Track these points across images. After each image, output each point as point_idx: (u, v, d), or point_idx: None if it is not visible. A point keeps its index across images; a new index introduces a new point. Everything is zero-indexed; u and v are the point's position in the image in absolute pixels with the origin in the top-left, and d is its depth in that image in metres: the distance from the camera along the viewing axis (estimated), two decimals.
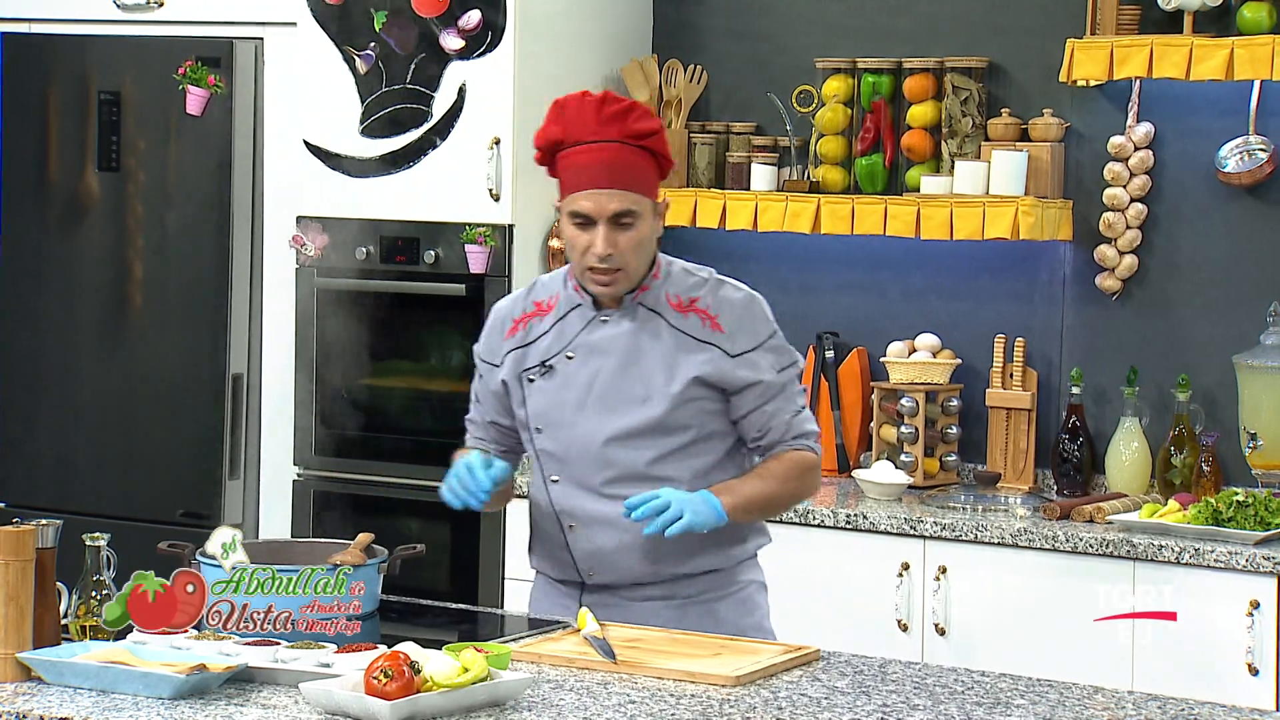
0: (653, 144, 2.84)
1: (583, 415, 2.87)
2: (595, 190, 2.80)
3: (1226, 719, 2.40)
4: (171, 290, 4.80)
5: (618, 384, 2.86)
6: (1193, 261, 4.25)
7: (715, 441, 2.89)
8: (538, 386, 2.92)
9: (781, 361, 2.91)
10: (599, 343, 2.88)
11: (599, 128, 2.81)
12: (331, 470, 4.64)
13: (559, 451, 2.91)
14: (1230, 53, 3.99)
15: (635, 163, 2.82)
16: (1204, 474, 4.10)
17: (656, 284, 2.89)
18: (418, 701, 2.28)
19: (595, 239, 2.80)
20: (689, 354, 2.86)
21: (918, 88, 4.40)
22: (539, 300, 2.96)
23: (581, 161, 2.82)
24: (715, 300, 2.89)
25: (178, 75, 4.67)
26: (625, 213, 2.81)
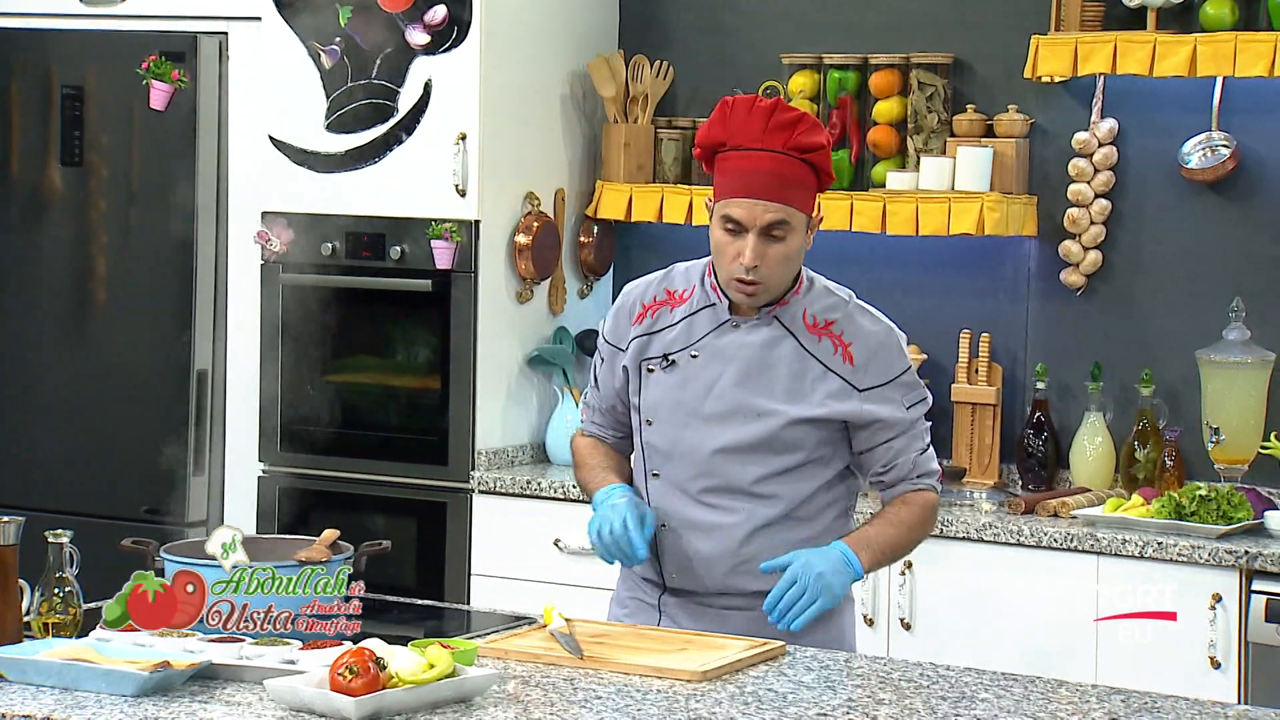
0: (816, 159, 2.77)
1: (695, 418, 2.81)
2: (751, 199, 2.73)
3: (1189, 712, 2.41)
4: (135, 286, 4.77)
5: (736, 394, 2.80)
6: (1156, 257, 4.27)
7: (825, 468, 2.83)
8: (656, 378, 2.85)
9: (910, 399, 2.83)
10: (725, 348, 2.82)
11: (764, 135, 2.74)
12: (297, 467, 4.63)
13: (665, 448, 2.84)
14: (1193, 49, 4.01)
15: (795, 175, 2.75)
16: (1167, 468, 4.12)
17: (795, 299, 2.82)
18: (383, 698, 2.27)
19: (744, 248, 2.74)
20: (815, 381, 2.79)
21: (883, 84, 4.41)
22: (672, 289, 2.88)
23: (741, 167, 2.75)
24: (851, 328, 2.82)
25: (141, 70, 4.65)
26: (777, 224, 2.74)
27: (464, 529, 4.45)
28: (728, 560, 2.81)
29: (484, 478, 4.43)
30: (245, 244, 4.67)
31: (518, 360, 4.59)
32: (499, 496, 4.40)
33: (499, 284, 4.52)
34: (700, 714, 2.36)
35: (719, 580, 2.83)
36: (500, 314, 4.53)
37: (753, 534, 2.81)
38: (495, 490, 4.41)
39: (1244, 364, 4.06)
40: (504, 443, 4.54)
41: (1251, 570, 3.68)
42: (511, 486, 4.38)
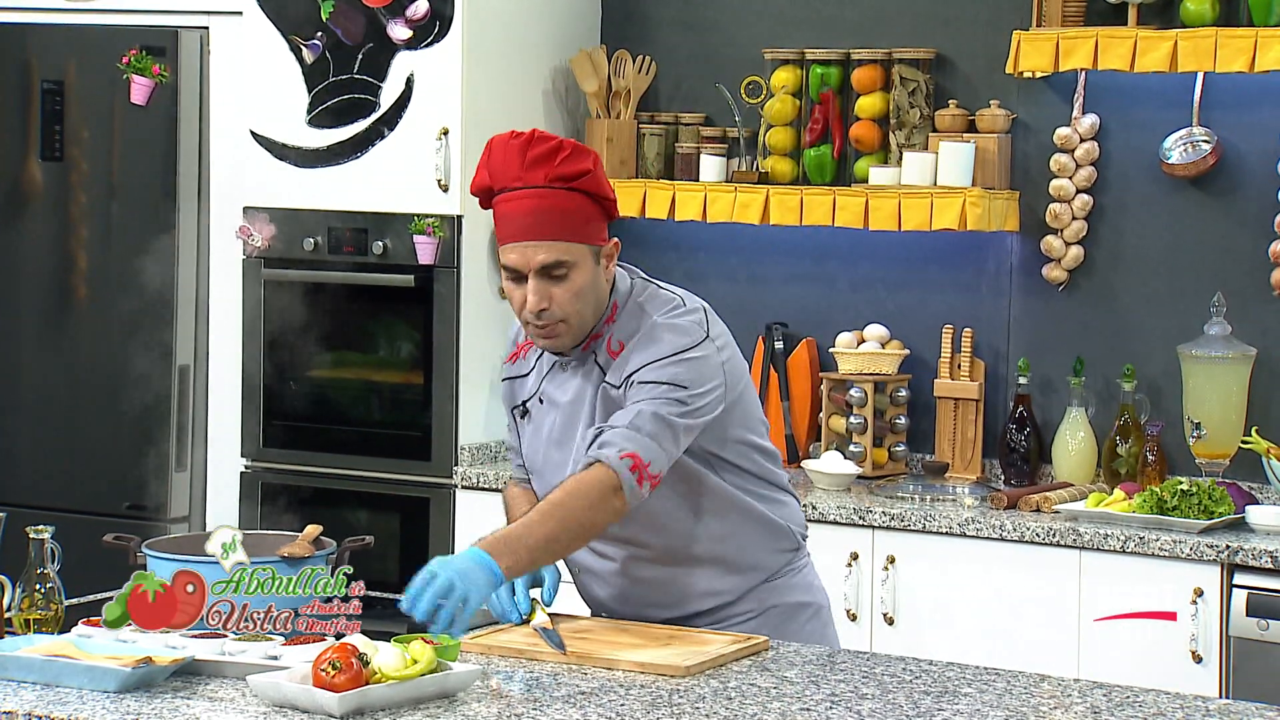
0: (585, 185, 2.61)
1: (549, 465, 2.76)
2: (521, 243, 2.60)
3: (1171, 706, 2.42)
4: (116, 281, 4.76)
5: (565, 440, 2.73)
6: (1137, 252, 4.28)
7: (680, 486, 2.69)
8: (523, 426, 2.81)
9: (651, 375, 2.60)
10: (555, 392, 2.75)
11: (523, 172, 2.60)
12: (279, 462, 4.62)
13: (543, 495, 2.75)
14: (1174, 45, 4.02)
15: (566, 208, 2.60)
16: (1149, 463, 4.13)
17: (609, 328, 2.69)
18: (367, 694, 2.27)
19: (525, 293, 2.61)
20: (611, 404, 2.66)
21: (866, 79, 4.42)
22: None
23: (507, 211, 2.62)
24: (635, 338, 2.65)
25: (122, 64, 4.63)
26: (555, 264, 2.60)
27: (447, 524, 4.44)
28: (630, 598, 2.78)
29: (467, 473, 4.43)
30: (227, 239, 4.66)
31: (501, 355, 4.57)
32: (482, 492, 4.40)
33: (482, 279, 4.52)
34: (684, 709, 2.36)
35: (634, 614, 2.79)
36: (483, 309, 4.52)
37: (629, 569, 2.75)
38: (478, 485, 4.40)
39: (1225, 359, 4.07)
40: (487, 438, 4.53)
41: (1233, 565, 3.70)
42: (495, 482, 4.38)
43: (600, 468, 2.58)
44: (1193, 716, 2.37)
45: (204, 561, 2.70)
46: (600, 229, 2.66)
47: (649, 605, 2.79)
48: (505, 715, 2.32)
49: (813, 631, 2.84)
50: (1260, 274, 4.15)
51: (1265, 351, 4.12)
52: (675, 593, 2.77)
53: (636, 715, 2.34)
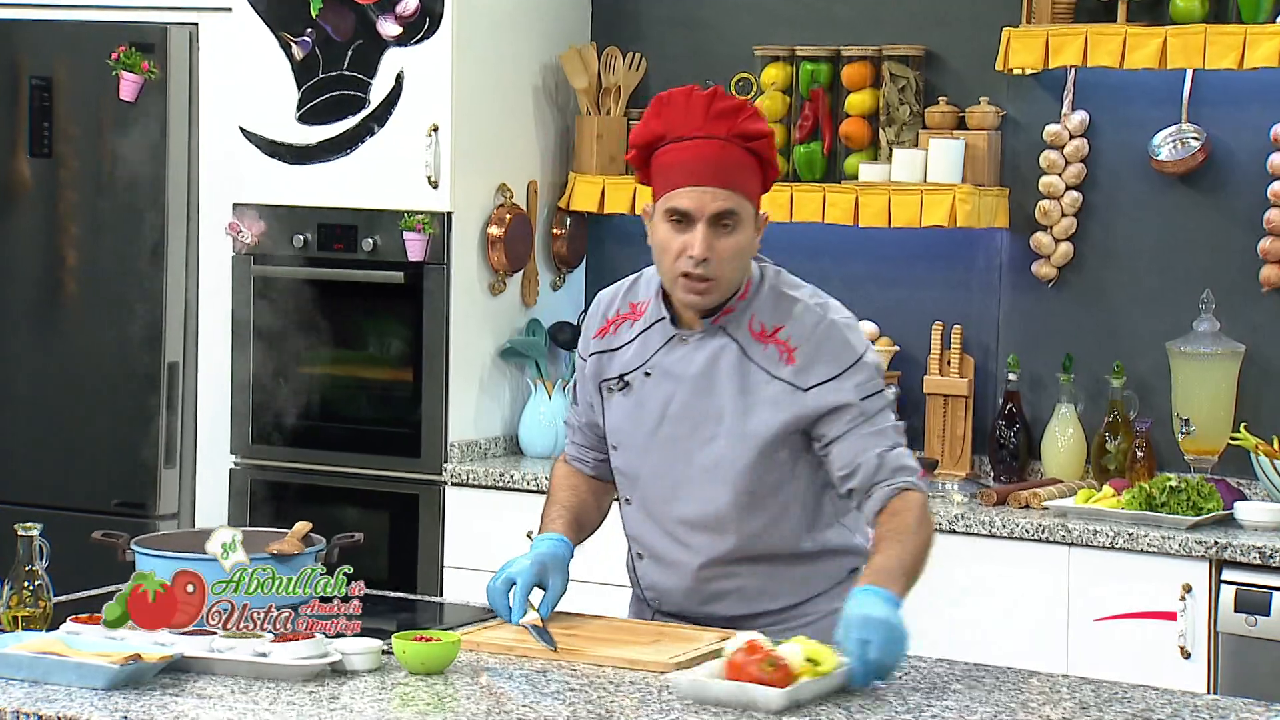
0: (760, 147, 2.62)
1: (654, 443, 2.69)
2: (698, 187, 2.58)
3: (1159, 701, 2.43)
4: (106, 278, 4.75)
5: (688, 417, 2.66)
6: (1127, 249, 4.29)
7: (793, 485, 2.68)
8: (616, 401, 2.73)
9: (865, 389, 2.64)
10: (674, 365, 2.67)
11: (706, 123, 2.60)
12: (269, 459, 4.62)
13: (630, 474, 2.73)
14: (1163, 42, 4.03)
15: (743, 163, 2.60)
16: (1138, 460, 4.14)
17: (742, 305, 2.66)
18: (799, 690, 2.34)
19: (693, 240, 2.57)
20: (760, 392, 2.63)
21: (856, 76, 4.42)
22: (635, 301, 2.75)
23: (684, 157, 2.60)
24: (798, 329, 2.64)
25: (111, 61, 4.62)
26: (727, 213, 2.58)
27: (437, 521, 4.44)
28: (693, 591, 2.73)
29: (456, 470, 4.42)
30: (216, 236, 4.65)
31: (490, 352, 4.58)
32: (472, 489, 4.40)
33: (471, 276, 4.52)
34: (673, 704, 2.36)
35: (694, 609, 2.75)
36: (473, 306, 4.52)
37: (708, 565, 2.71)
38: (468, 482, 4.40)
39: (1214, 355, 4.08)
40: (476, 435, 4.53)
41: (1221, 561, 3.70)
42: (484, 479, 4.38)
43: (914, 493, 2.64)
44: (1181, 712, 2.38)
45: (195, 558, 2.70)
46: (759, 196, 2.66)
47: (721, 600, 2.72)
48: (495, 712, 2.32)
49: None
50: (1249, 271, 4.15)
51: (1254, 348, 4.13)
52: (754, 591, 2.72)
53: (626, 711, 2.34)
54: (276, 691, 2.37)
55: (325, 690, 2.38)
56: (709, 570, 2.72)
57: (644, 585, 2.79)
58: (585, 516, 2.83)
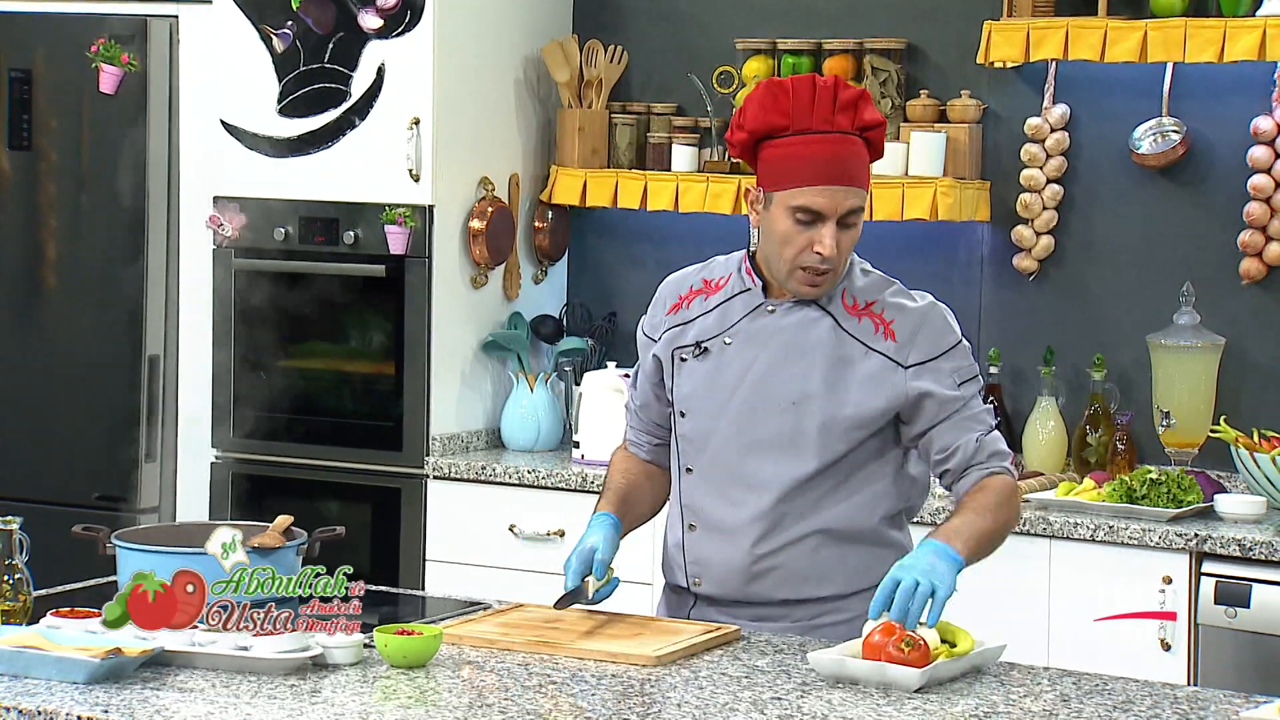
0: (876, 136, 2.65)
1: (728, 408, 2.68)
2: (831, 186, 2.59)
3: (1140, 693, 2.43)
4: (86, 271, 4.73)
5: (771, 381, 2.66)
6: (1107, 242, 4.30)
7: (873, 465, 2.68)
8: (689, 367, 2.72)
9: (962, 374, 2.66)
10: (759, 332, 2.68)
11: (833, 115, 2.61)
12: (250, 453, 4.61)
13: (698, 441, 2.71)
14: (1144, 35, 4.04)
15: (863, 156, 2.63)
16: (1119, 452, 4.15)
17: (837, 282, 2.69)
18: (937, 669, 2.41)
19: (822, 237, 2.60)
20: (854, 362, 2.64)
21: (837, 69, 4.42)
22: (709, 278, 2.77)
23: (813, 154, 2.60)
24: (893, 305, 2.67)
25: (91, 53, 4.61)
26: (855, 210, 2.62)
27: (418, 515, 4.44)
28: (741, 564, 2.69)
29: (438, 463, 4.42)
30: (197, 228, 4.64)
31: (472, 346, 4.58)
32: (453, 482, 4.39)
33: (453, 269, 4.51)
34: (654, 698, 2.37)
35: (738, 587, 2.71)
36: (454, 299, 4.52)
37: (764, 536, 2.67)
38: (450, 476, 4.40)
39: (1194, 348, 4.09)
40: (458, 428, 4.53)
41: (1201, 553, 3.72)
42: (466, 472, 4.37)
43: (1005, 478, 2.68)
44: (1161, 704, 2.38)
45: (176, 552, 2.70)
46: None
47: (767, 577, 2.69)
48: (477, 705, 2.32)
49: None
50: (1229, 264, 4.17)
51: (1234, 341, 4.14)
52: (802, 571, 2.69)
53: (608, 704, 2.34)
54: (258, 685, 2.36)
55: (306, 684, 2.38)
56: (764, 542, 2.68)
57: (690, 560, 2.74)
58: (636, 496, 2.82)
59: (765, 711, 2.31)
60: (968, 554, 2.58)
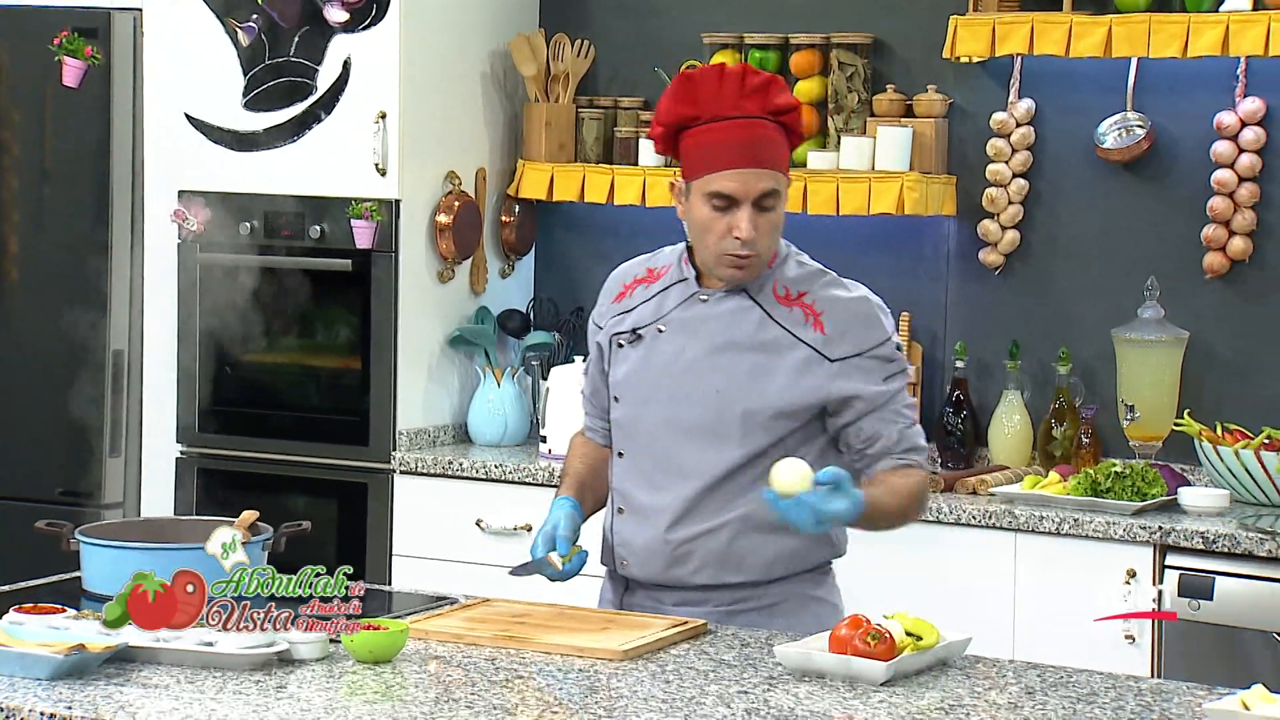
0: (792, 120, 2.69)
1: (656, 395, 2.71)
2: (741, 169, 2.63)
3: (1104, 685, 2.45)
4: (49, 266, 4.71)
5: (698, 369, 2.69)
6: (1072, 236, 4.32)
7: (799, 454, 2.65)
8: (624, 354, 2.76)
9: (888, 370, 2.70)
10: (691, 321, 2.72)
11: (741, 101, 2.64)
12: (215, 448, 4.59)
13: (629, 425, 2.75)
14: (1108, 30, 4.05)
15: (777, 139, 2.66)
16: (1083, 446, 4.17)
17: (767, 272, 2.71)
18: (902, 662, 2.42)
19: (739, 221, 2.63)
20: (781, 352, 2.67)
21: (804, 63, 4.43)
22: (652, 267, 2.81)
23: (722, 139, 2.63)
24: (824, 297, 2.70)
25: (53, 46, 4.57)
26: (770, 193, 2.64)
27: (385, 509, 4.43)
28: (661, 547, 2.71)
29: (405, 458, 4.41)
30: (162, 223, 4.62)
31: (439, 340, 4.57)
32: (420, 477, 4.39)
33: (420, 264, 4.50)
34: (621, 692, 2.37)
35: (659, 570, 2.74)
36: (421, 294, 4.51)
37: (682, 518, 2.71)
38: (416, 471, 4.39)
39: (1158, 342, 4.11)
40: (425, 423, 4.52)
41: (1165, 546, 3.74)
42: (433, 467, 4.36)
43: (921, 472, 2.75)
44: (1125, 696, 2.40)
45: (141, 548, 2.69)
46: (789, 167, 2.73)
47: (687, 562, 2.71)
48: (443, 700, 2.32)
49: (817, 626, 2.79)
50: (1193, 258, 4.19)
51: (1197, 335, 4.17)
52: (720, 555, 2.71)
53: (574, 698, 2.34)
54: (223, 681, 2.35)
55: (272, 679, 2.37)
56: (679, 527, 2.71)
57: (618, 542, 2.78)
58: (594, 481, 2.86)
59: (732, 705, 2.31)
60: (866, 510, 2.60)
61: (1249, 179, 4.11)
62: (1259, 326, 4.15)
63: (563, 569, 2.71)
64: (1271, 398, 4.13)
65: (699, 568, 2.73)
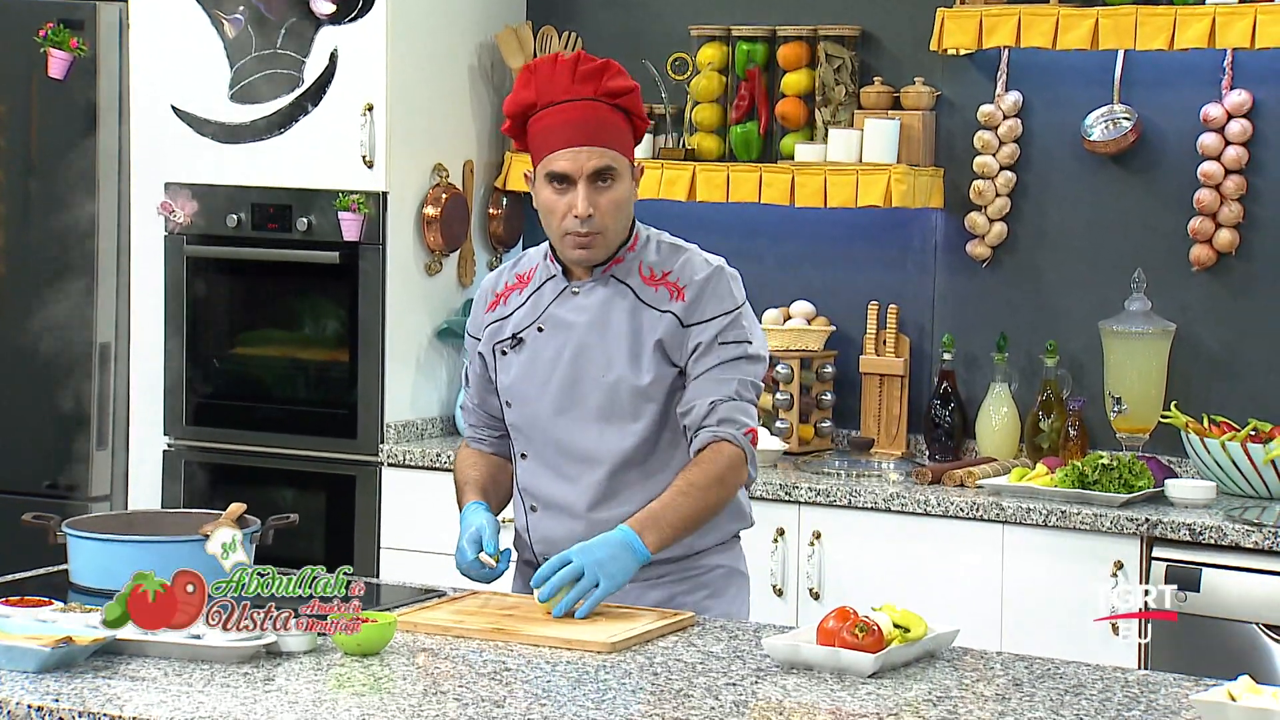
0: (627, 103, 2.77)
1: (548, 390, 2.79)
2: (573, 148, 2.71)
3: (1091, 677, 2.45)
4: (36, 258, 4.69)
5: (582, 360, 2.77)
6: (1060, 229, 4.32)
7: (679, 430, 2.76)
8: (509, 360, 2.83)
9: (729, 336, 2.75)
10: (567, 315, 2.79)
11: (573, 85, 2.74)
12: (203, 440, 4.58)
13: (525, 426, 2.82)
14: (1095, 23, 4.06)
15: (612, 120, 2.75)
16: (1071, 438, 4.18)
17: (631, 255, 2.79)
18: (890, 654, 2.42)
19: (575, 199, 2.72)
20: (650, 325, 2.75)
21: (792, 56, 4.43)
22: (520, 273, 2.88)
23: (557, 121, 2.73)
24: (686, 272, 2.78)
25: (39, 37, 4.56)
26: (604, 170, 2.72)
27: (373, 502, 4.42)
28: (585, 533, 2.75)
29: (393, 450, 4.41)
30: (148, 215, 4.61)
31: (427, 333, 4.56)
32: (408, 469, 4.38)
33: (407, 256, 4.49)
34: (610, 684, 2.37)
35: None
36: (409, 286, 4.50)
37: (598, 503, 2.77)
38: (404, 463, 4.39)
39: (1145, 334, 4.12)
40: (413, 415, 4.52)
41: (1152, 538, 3.74)
42: (421, 459, 4.36)
43: (728, 446, 2.73)
44: (1112, 688, 2.40)
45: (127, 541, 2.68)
46: (632, 149, 2.80)
47: None
48: (431, 692, 2.31)
49: (741, 602, 2.89)
50: (1179, 250, 4.19)
51: (1184, 327, 4.18)
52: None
53: (562, 690, 2.34)
54: (211, 674, 2.35)
55: (260, 672, 2.37)
56: (600, 510, 2.78)
57: (536, 539, 2.84)
58: (492, 484, 2.93)
59: (720, 697, 2.32)
60: (658, 546, 2.67)
61: (1235, 171, 4.12)
62: (1245, 319, 4.16)
63: (496, 568, 2.76)
64: (1258, 390, 4.14)
65: None
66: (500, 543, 2.79)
